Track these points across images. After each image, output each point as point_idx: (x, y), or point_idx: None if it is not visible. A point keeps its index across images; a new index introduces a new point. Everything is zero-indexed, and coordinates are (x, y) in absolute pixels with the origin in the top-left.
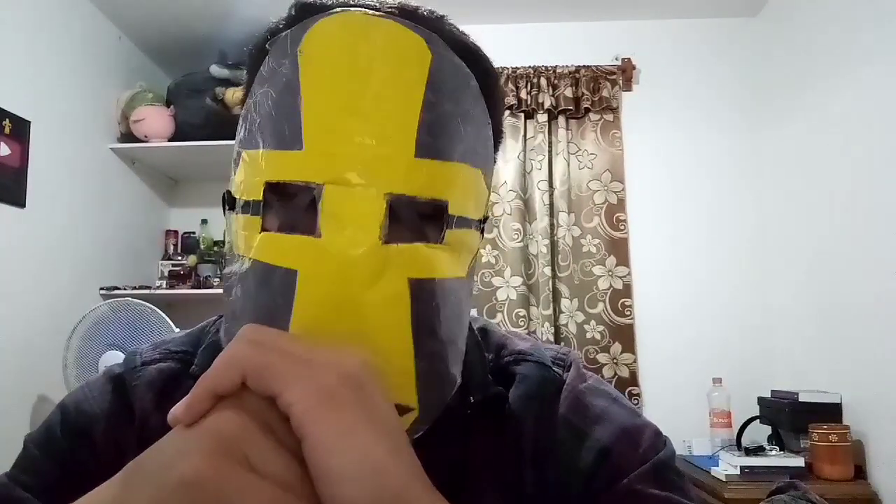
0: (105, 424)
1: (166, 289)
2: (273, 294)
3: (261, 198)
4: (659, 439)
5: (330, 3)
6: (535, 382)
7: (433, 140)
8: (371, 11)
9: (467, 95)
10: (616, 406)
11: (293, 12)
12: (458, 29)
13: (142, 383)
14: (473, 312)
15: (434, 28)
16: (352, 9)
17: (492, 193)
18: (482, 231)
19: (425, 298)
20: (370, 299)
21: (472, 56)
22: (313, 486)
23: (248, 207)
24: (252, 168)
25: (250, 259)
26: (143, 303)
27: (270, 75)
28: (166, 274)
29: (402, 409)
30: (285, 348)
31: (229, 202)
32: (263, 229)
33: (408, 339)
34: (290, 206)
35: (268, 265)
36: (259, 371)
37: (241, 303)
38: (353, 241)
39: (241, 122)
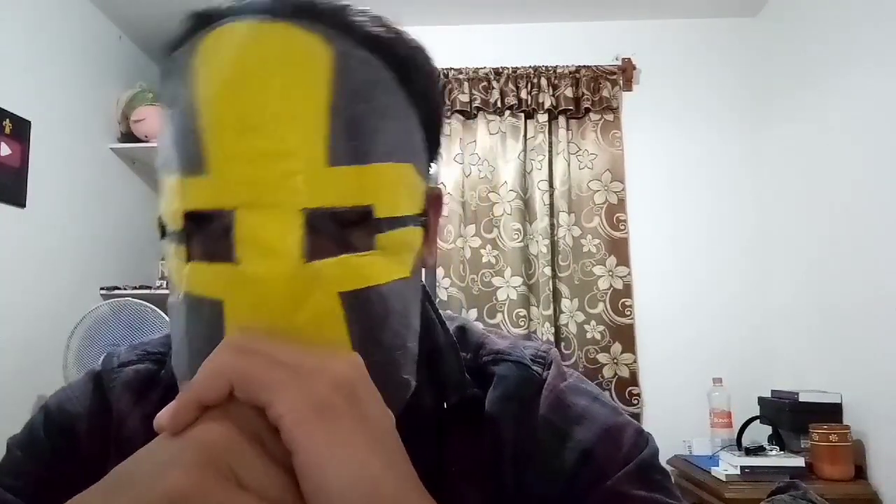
0: (88, 423)
1: (167, 289)
2: (204, 326)
3: (181, 227)
4: (641, 437)
5: (219, 10)
6: (513, 382)
7: (346, 144)
8: (264, 17)
9: (380, 89)
10: (597, 405)
11: (187, 24)
12: (364, 16)
13: (118, 384)
14: (472, 314)
15: (336, 22)
16: (240, 18)
17: (492, 193)
18: (424, 225)
19: (361, 309)
20: (300, 321)
21: (378, 40)
22: (304, 501)
23: (174, 237)
24: (170, 195)
25: (183, 291)
26: (144, 303)
27: (170, 98)
28: (166, 274)
29: None
30: (273, 355)
31: (161, 230)
32: (190, 258)
33: None
34: (208, 232)
35: (194, 297)
36: (247, 380)
37: (178, 335)
38: (272, 265)
39: (158, 145)
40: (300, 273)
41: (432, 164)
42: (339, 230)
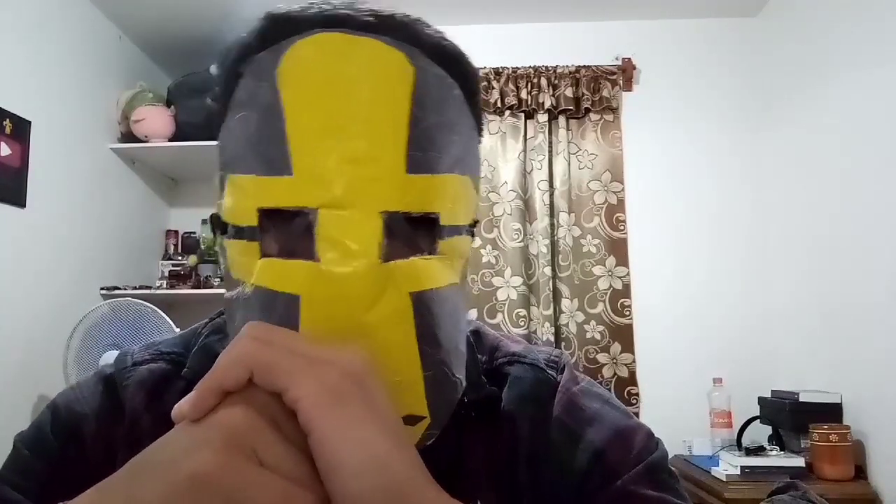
0: (95, 424)
1: (167, 289)
2: (277, 319)
3: (256, 224)
4: (651, 440)
5: (302, 16)
6: (529, 383)
7: (423, 155)
8: (348, 31)
9: (452, 105)
10: (609, 408)
11: (265, 29)
12: (435, 31)
13: (132, 383)
14: (472, 314)
15: (413, 35)
16: (327, 30)
17: (492, 193)
18: (472, 234)
19: (426, 310)
20: (374, 319)
21: (453, 61)
22: (320, 480)
23: (243, 233)
24: (241, 193)
25: (251, 285)
26: (144, 303)
27: (248, 99)
28: (167, 274)
29: (414, 419)
30: (291, 345)
31: (220, 226)
32: (263, 254)
33: (414, 353)
34: (287, 230)
35: (269, 291)
36: (266, 367)
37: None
38: (352, 264)
39: (220, 144)
40: (376, 272)
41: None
42: (410, 234)
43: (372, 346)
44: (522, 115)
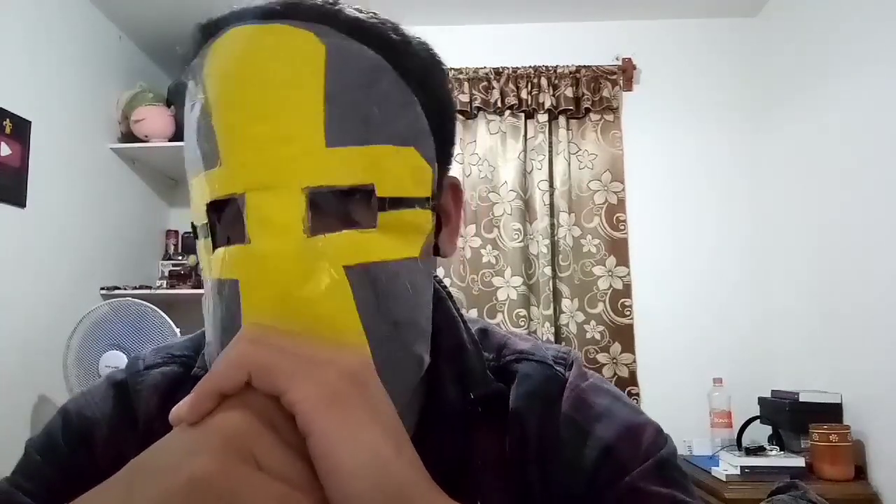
0: (107, 430)
1: (167, 289)
2: (226, 307)
3: (206, 220)
4: (661, 437)
5: (222, 17)
6: (537, 381)
7: (343, 127)
8: (258, 21)
9: (375, 76)
10: (618, 404)
11: (197, 37)
12: (354, 11)
13: (146, 387)
14: (473, 314)
15: (324, 16)
16: (239, 23)
17: (492, 193)
18: (435, 209)
19: (368, 283)
20: (309, 294)
21: (373, 34)
22: (319, 484)
23: (202, 231)
24: (196, 194)
25: (211, 279)
26: (144, 303)
27: (191, 103)
28: (167, 274)
29: None
30: (287, 347)
31: (193, 231)
32: (216, 247)
33: (357, 328)
34: (226, 220)
35: (217, 280)
36: (263, 370)
37: (208, 322)
38: (278, 241)
39: (184, 151)
40: (304, 248)
41: (448, 152)
42: (342, 208)
43: (311, 322)
44: (522, 115)
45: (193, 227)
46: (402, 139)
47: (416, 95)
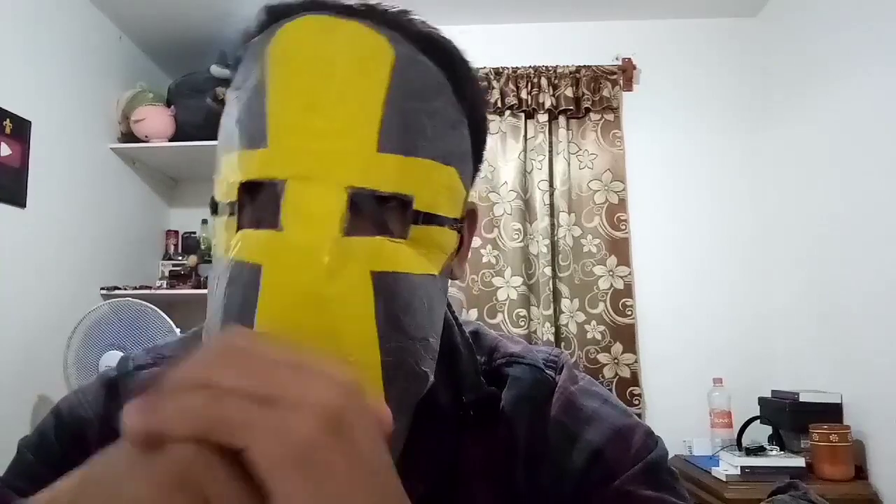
0: (99, 428)
1: (167, 289)
2: (242, 289)
3: (236, 199)
4: (651, 439)
5: (295, 4)
6: (527, 384)
7: (397, 135)
8: (335, 14)
9: (435, 92)
10: (607, 407)
11: (262, 17)
12: (423, 23)
13: (135, 388)
14: (472, 315)
15: (398, 24)
16: (314, 13)
17: (492, 193)
18: (460, 231)
19: (389, 292)
20: (332, 292)
21: (440, 51)
22: None
23: (226, 209)
24: (228, 171)
25: (227, 258)
26: (144, 303)
27: (242, 81)
28: (167, 274)
29: None
30: (247, 388)
31: (213, 206)
32: (240, 228)
33: (372, 332)
34: (259, 203)
35: (237, 262)
36: (218, 425)
37: (215, 301)
38: (312, 234)
39: (220, 128)
40: (337, 245)
41: (475, 177)
42: (378, 214)
43: (328, 321)
44: (522, 115)
45: (214, 202)
46: (445, 158)
47: (466, 118)
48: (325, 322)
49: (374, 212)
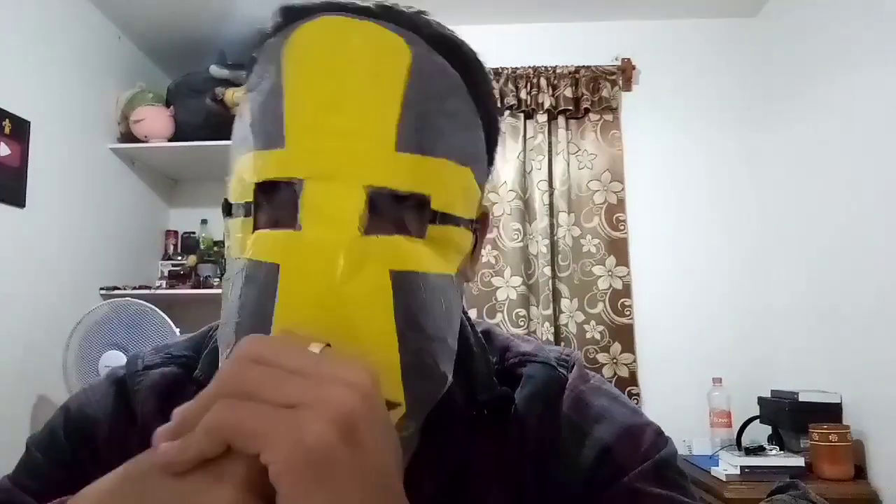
0: (108, 427)
1: (166, 289)
2: (258, 289)
3: (252, 199)
4: (660, 438)
5: (310, 4)
6: (540, 382)
7: (414, 135)
8: (351, 15)
9: (451, 93)
10: (617, 405)
11: (279, 18)
12: (439, 24)
13: (144, 388)
14: (473, 314)
15: (414, 24)
16: (331, 14)
17: (492, 193)
18: (475, 231)
19: (409, 291)
20: (351, 291)
21: (455, 52)
22: None
23: (241, 210)
24: (243, 171)
25: (243, 259)
26: (144, 303)
27: (257, 81)
28: (166, 274)
29: (388, 405)
30: (266, 395)
31: (226, 208)
32: (256, 229)
33: (391, 332)
34: (276, 203)
35: (254, 261)
36: (237, 433)
37: (232, 301)
38: (332, 233)
39: (233, 129)
40: (356, 244)
41: (486, 179)
42: (396, 213)
43: (347, 320)
44: (522, 115)
45: (227, 203)
46: (461, 158)
47: (481, 119)
48: (344, 321)
49: (392, 211)
